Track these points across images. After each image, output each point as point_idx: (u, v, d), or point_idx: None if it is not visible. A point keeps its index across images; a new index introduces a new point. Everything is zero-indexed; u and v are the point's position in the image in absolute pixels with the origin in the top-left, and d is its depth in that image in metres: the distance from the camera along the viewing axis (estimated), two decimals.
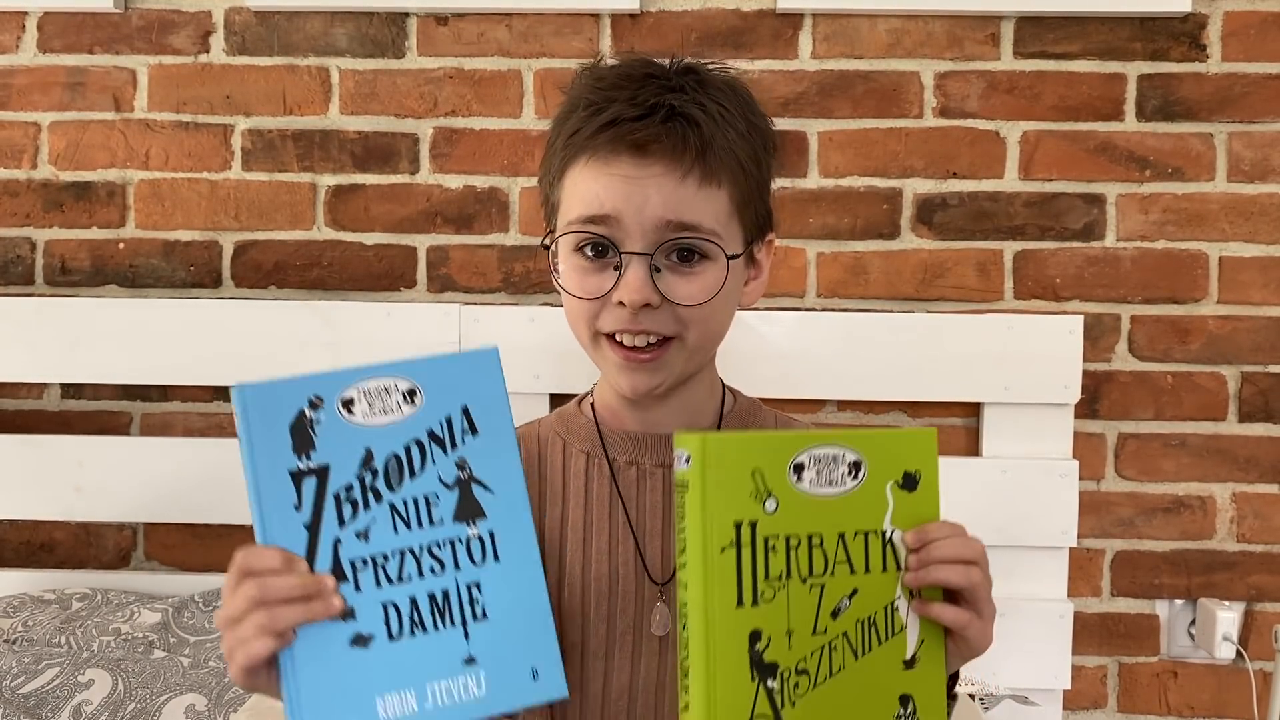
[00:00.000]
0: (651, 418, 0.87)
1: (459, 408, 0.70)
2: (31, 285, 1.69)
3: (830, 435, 0.69)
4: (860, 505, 0.69)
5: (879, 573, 0.69)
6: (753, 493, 0.66)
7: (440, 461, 0.69)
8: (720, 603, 0.65)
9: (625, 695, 0.85)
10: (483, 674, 0.68)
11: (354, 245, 1.67)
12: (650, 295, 0.77)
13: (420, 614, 0.68)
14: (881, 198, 1.64)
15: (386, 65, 1.66)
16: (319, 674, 0.65)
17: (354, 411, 0.68)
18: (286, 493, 0.66)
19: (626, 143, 0.77)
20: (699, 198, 0.79)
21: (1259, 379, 1.62)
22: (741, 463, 0.66)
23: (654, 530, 0.86)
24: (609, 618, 0.85)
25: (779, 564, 0.67)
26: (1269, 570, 1.62)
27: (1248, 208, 1.61)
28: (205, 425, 1.68)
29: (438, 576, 0.68)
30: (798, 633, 0.67)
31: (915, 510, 0.71)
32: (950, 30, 1.62)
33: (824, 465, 0.69)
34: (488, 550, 0.70)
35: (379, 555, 0.67)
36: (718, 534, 0.65)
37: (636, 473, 0.87)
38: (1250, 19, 1.60)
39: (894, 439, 0.72)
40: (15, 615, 1.47)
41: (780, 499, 0.67)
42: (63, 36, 1.67)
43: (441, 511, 0.69)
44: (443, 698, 0.67)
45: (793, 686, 0.67)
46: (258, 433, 0.66)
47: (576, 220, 0.80)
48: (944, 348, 1.57)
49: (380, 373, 0.69)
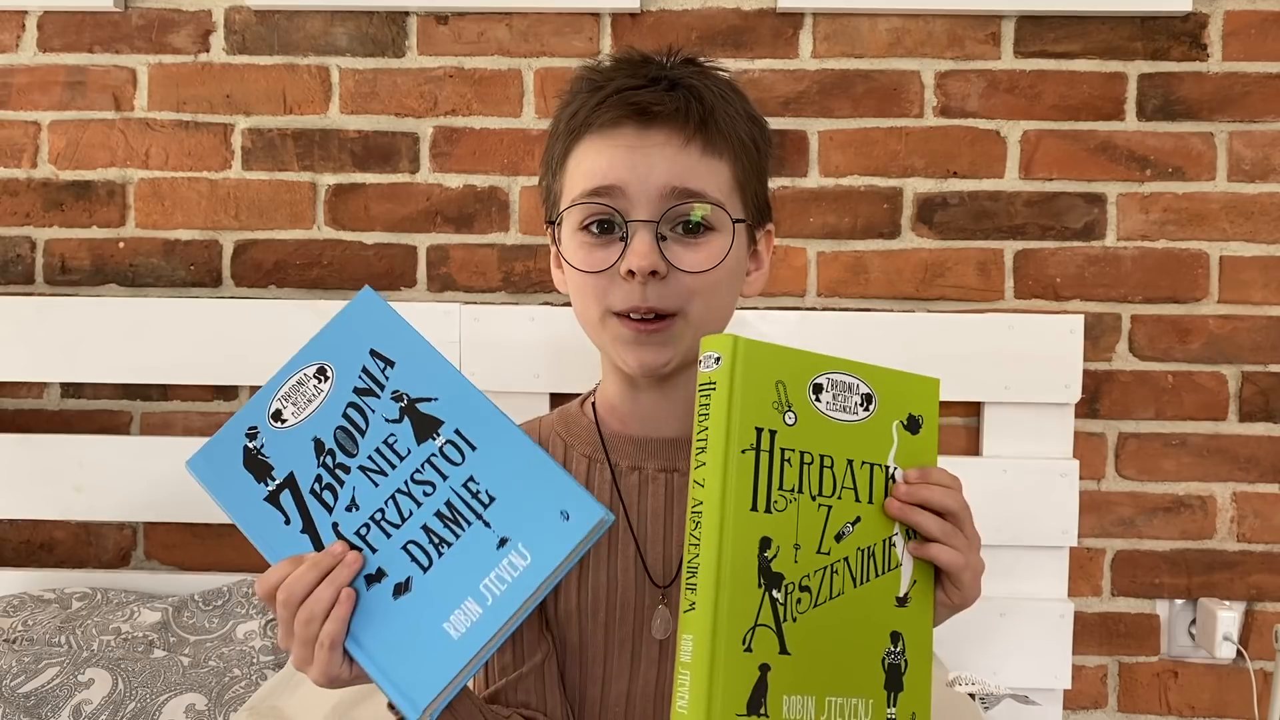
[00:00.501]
0: (656, 415, 0.87)
1: (367, 352, 0.74)
2: (31, 285, 1.69)
3: (847, 364, 0.71)
4: (869, 437, 0.71)
5: (880, 506, 0.71)
6: (775, 402, 0.67)
7: (378, 407, 0.73)
8: (736, 503, 0.65)
9: (623, 700, 0.85)
10: (520, 544, 0.69)
11: (354, 245, 1.67)
12: (657, 262, 0.77)
13: (437, 535, 0.70)
14: (882, 197, 1.64)
15: (387, 64, 1.66)
16: (385, 637, 0.68)
17: (285, 419, 0.73)
18: (272, 517, 0.71)
19: (629, 109, 0.78)
20: (702, 166, 0.80)
21: (1259, 378, 1.62)
22: (768, 371, 0.67)
23: (655, 535, 0.85)
24: (607, 623, 0.85)
25: (793, 477, 0.67)
26: (1269, 570, 1.62)
27: (1248, 207, 1.61)
28: (205, 425, 1.68)
29: (433, 496, 0.71)
30: (804, 548, 0.67)
31: (916, 453, 0.73)
32: (951, 30, 1.62)
33: (840, 391, 0.70)
34: (462, 447, 0.72)
35: (374, 513, 0.71)
36: (740, 435, 0.65)
37: (639, 478, 0.87)
38: (1251, 18, 1.60)
39: (903, 380, 0.74)
40: (15, 615, 1.47)
41: (799, 414, 0.68)
42: (63, 36, 1.67)
43: (404, 444, 0.72)
44: (498, 587, 0.68)
45: (795, 601, 0.66)
46: (223, 488, 0.72)
47: (581, 195, 0.80)
48: (944, 347, 1.57)
49: (288, 371, 0.74)
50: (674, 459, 0.87)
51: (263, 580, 0.69)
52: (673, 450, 0.87)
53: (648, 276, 0.77)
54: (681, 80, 0.80)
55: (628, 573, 0.85)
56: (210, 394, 1.68)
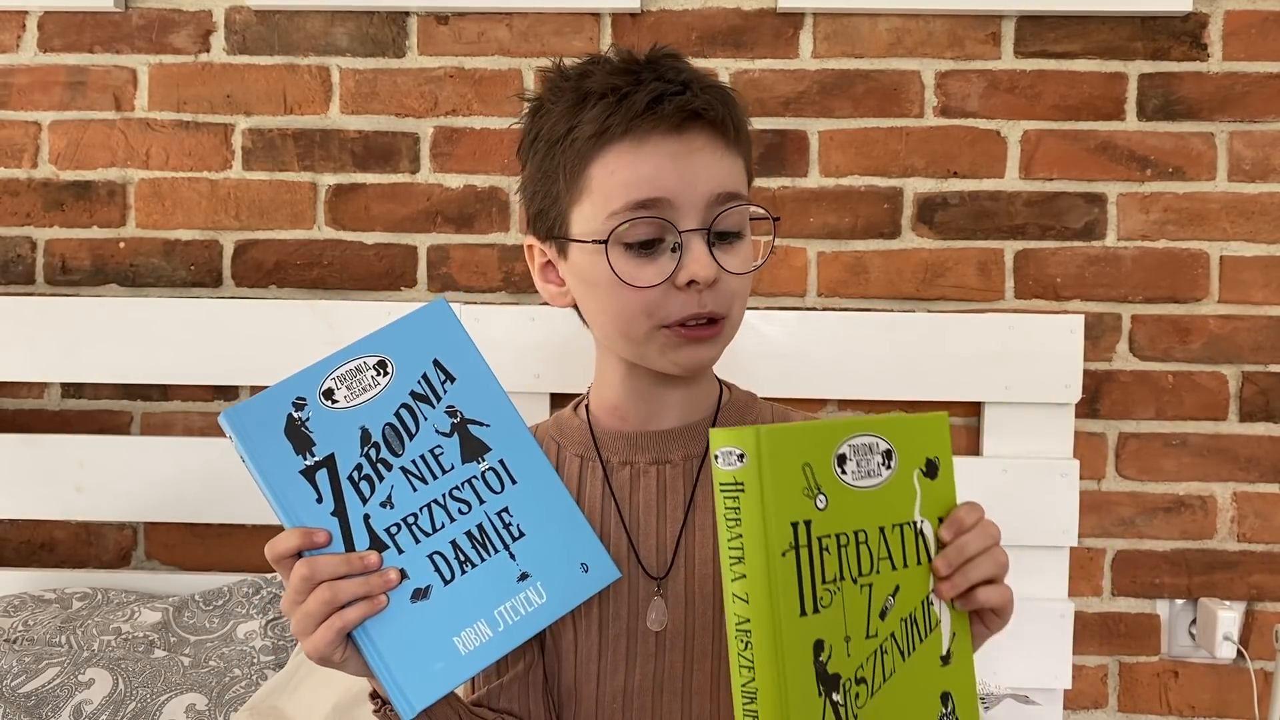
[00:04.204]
0: (657, 409, 0.87)
1: (430, 362, 0.75)
2: (32, 285, 1.69)
3: (862, 423, 0.65)
4: (894, 496, 0.66)
5: (914, 566, 0.67)
6: (805, 489, 0.62)
7: (431, 416, 0.74)
8: (786, 613, 0.60)
9: (620, 696, 0.85)
10: (539, 583, 0.73)
11: (354, 245, 1.67)
12: (717, 270, 0.77)
13: (464, 553, 0.72)
14: (882, 197, 1.64)
15: (387, 64, 1.66)
16: (395, 636, 0.69)
17: (336, 399, 0.72)
18: (304, 491, 0.70)
19: (677, 117, 0.76)
20: (735, 167, 0.80)
21: (1260, 378, 1.62)
22: (794, 457, 0.62)
23: (648, 527, 0.86)
24: (600, 619, 0.85)
25: (833, 566, 0.63)
26: (1270, 570, 1.62)
27: (1249, 207, 1.61)
28: (205, 425, 1.68)
29: (467, 515, 0.73)
30: (854, 639, 0.63)
31: (938, 498, 0.69)
32: (951, 29, 1.62)
33: (862, 456, 0.65)
34: (503, 477, 0.74)
35: (408, 515, 0.72)
36: (778, 537, 0.60)
37: (630, 472, 0.87)
38: (1251, 18, 1.60)
39: (914, 425, 0.69)
40: (15, 615, 1.47)
41: (829, 494, 0.63)
42: (63, 36, 1.67)
43: (449, 459, 0.73)
44: (511, 616, 0.71)
45: (854, 698, 0.63)
46: (258, 448, 0.70)
47: (625, 208, 0.77)
48: (944, 347, 1.57)
49: (348, 355, 0.73)
50: (665, 451, 0.87)
51: (276, 543, 0.70)
52: (663, 442, 0.87)
53: (710, 284, 0.77)
54: (692, 80, 0.79)
55: (621, 567, 0.85)
56: (210, 394, 1.68)
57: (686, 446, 0.87)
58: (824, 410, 1.65)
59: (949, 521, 0.69)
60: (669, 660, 0.84)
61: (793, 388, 1.57)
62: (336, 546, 0.70)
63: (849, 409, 1.65)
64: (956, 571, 0.68)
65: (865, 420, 0.66)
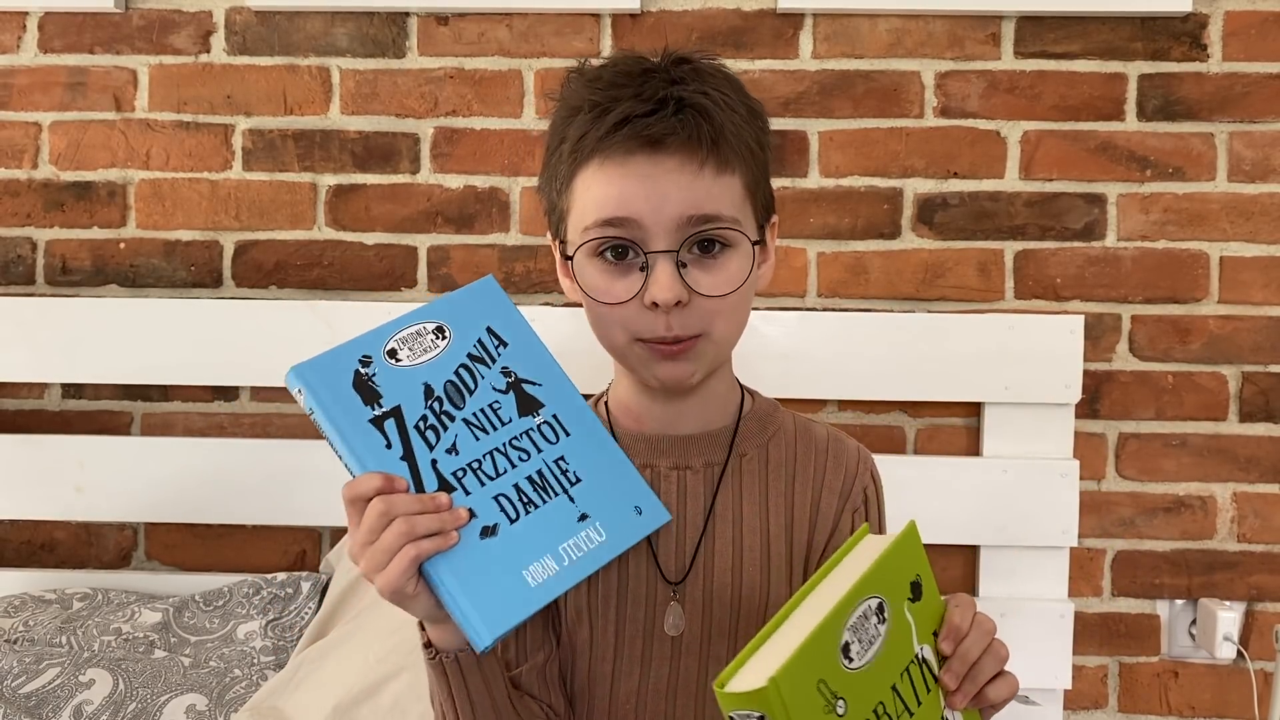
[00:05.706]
0: (672, 414, 0.87)
1: (484, 328, 0.81)
2: (32, 285, 1.69)
3: (853, 594, 0.62)
4: (894, 646, 0.65)
5: (925, 696, 0.66)
6: (824, 707, 0.60)
7: (488, 375, 0.79)
8: None
9: (633, 698, 0.85)
10: (598, 523, 0.77)
11: (355, 245, 1.67)
12: (681, 292, 0.77)
13: (527, 495, 0.77)
14: (882, 197, 1.64)
15: (387, 65, 1.66)
16: (467, 570, 0.72)
17: (400, 358, 0.77)
18: (374, 439, 0.74)
19: (640, 139, 0.76)
20: (716, 187, 0.79)
21: (1260, 379, 1.62)
22: (809, 683, 0.60)
23: (667, 532, 0.85)
24: (617, 621, 0.85)
25: None
26: (1270, 570, 1.62)
27: (1248, 207, 1.61)
28: (206, 425, 1.68)
29: (527, 462, 0.78)
30: None
31: (928, 614, 0.68)
32: (951, 30, 1.62)
33: (863, 630, 0.63)
34: (557, 430, 0.80)
35: (473, 461, 0.76)
36: None
37: (650, 475, 0.87)
38: (1251, 19, 1.60)
39: (892, 557, 0.66)
40: (16, 615, 1.47)
41: (846, 696, 0.61)
42: (63, 36, 1.67)
43: (507, 413, 0.79)
44: (574, 553, 0.76)
45: None
46: (328, 399, 0.74)
47: (594, 225, 0.78)
48: (944, 347, 1.57)
49: (409, 321, 0.79)
50: (686, 456, 0.87)
51: (356, 483, 0.71)
52: (684, 448, 0.87)
53: (671, 306, 0.77)
54: (687, 99, 0.77)
55: (639, 570, 0.85)
56: (210, 394, 1.68)
57: (707, 454, 0.88)
58: (824, 411, 1.65)
59: (946, 632, 0.68)
60: (684, 665, 0.84)
61: (793, 388, 1.57)
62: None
63: (849, 409, 1.65)
64: (965, 680, 0.68)
65: (853, 589, 0.62)
